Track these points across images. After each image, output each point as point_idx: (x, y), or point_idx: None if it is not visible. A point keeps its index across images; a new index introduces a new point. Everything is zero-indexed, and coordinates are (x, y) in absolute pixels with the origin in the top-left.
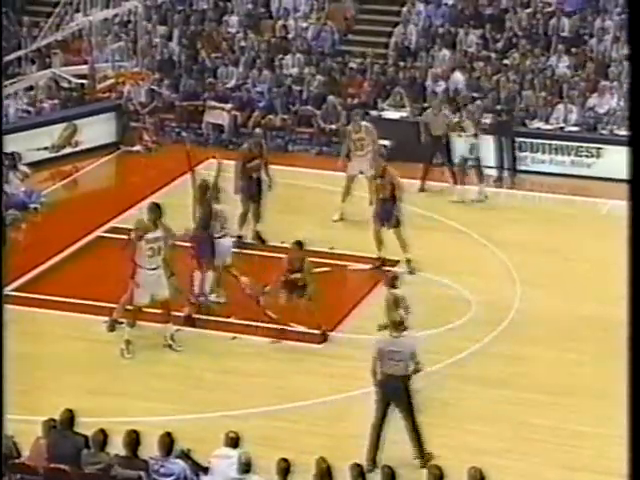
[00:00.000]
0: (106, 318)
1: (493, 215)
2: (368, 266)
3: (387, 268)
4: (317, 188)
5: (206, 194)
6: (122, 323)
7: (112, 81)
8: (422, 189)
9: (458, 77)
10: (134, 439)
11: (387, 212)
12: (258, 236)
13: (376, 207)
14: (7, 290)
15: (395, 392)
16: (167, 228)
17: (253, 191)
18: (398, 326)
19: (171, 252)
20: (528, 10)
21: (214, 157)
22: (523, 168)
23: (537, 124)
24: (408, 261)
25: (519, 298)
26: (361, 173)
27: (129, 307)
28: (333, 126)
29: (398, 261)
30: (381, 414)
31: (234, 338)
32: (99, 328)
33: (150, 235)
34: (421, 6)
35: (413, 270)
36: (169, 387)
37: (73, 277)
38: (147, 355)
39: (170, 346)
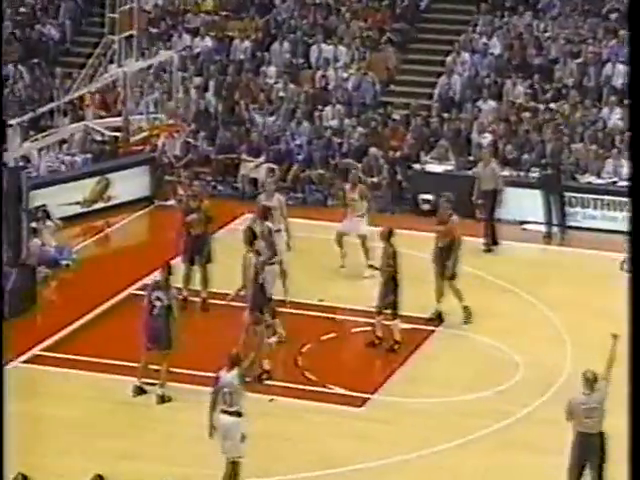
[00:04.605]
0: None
1: (542, 273)
2: (410, 325)
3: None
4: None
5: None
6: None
7: (146, 133)
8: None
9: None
10: None
11: None
12: None
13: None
14: (36, 350)
15: (592, 450)
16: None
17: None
18: (593, 382)
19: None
20: (578, 60)
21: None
22: (573, 224)
23: (588, 178)
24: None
25: (570, 360)
26: None
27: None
28: (375, 179)
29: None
30: (577, 476)
31: (271, 400)
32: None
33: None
34: (466, 55)
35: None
36: (201, 451)
37: (105, 336)
38: (177, 418)
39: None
